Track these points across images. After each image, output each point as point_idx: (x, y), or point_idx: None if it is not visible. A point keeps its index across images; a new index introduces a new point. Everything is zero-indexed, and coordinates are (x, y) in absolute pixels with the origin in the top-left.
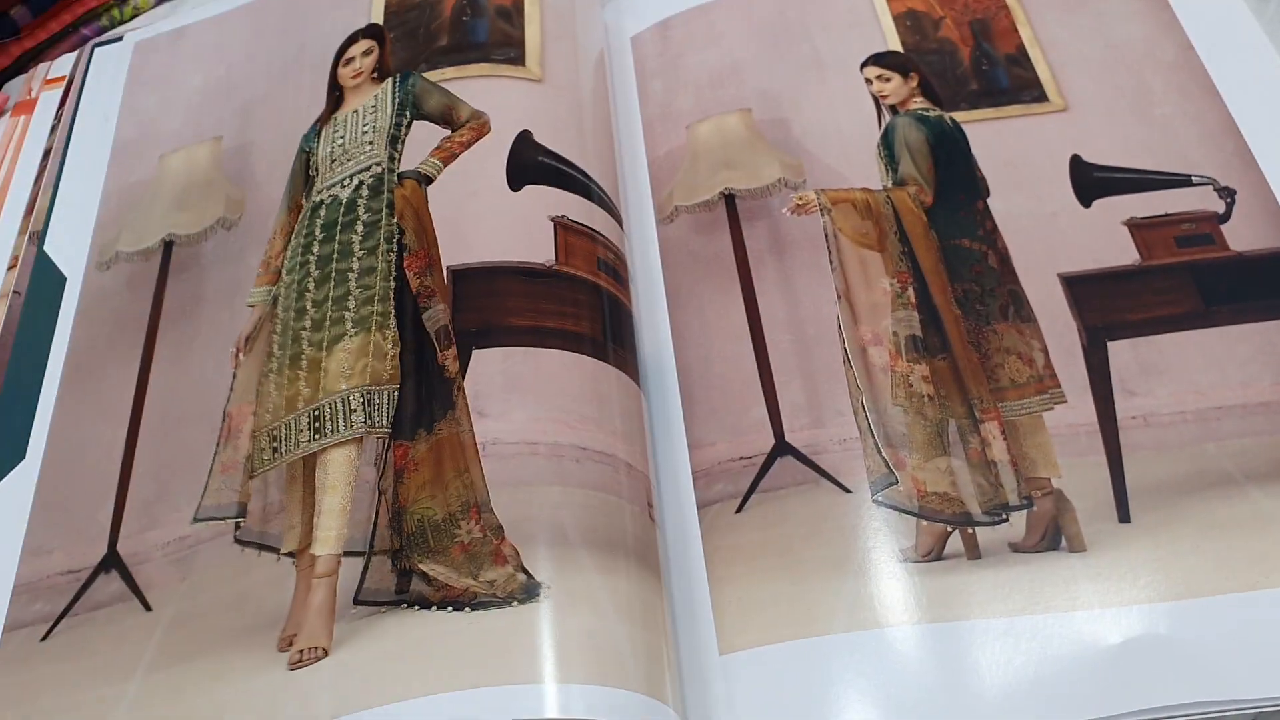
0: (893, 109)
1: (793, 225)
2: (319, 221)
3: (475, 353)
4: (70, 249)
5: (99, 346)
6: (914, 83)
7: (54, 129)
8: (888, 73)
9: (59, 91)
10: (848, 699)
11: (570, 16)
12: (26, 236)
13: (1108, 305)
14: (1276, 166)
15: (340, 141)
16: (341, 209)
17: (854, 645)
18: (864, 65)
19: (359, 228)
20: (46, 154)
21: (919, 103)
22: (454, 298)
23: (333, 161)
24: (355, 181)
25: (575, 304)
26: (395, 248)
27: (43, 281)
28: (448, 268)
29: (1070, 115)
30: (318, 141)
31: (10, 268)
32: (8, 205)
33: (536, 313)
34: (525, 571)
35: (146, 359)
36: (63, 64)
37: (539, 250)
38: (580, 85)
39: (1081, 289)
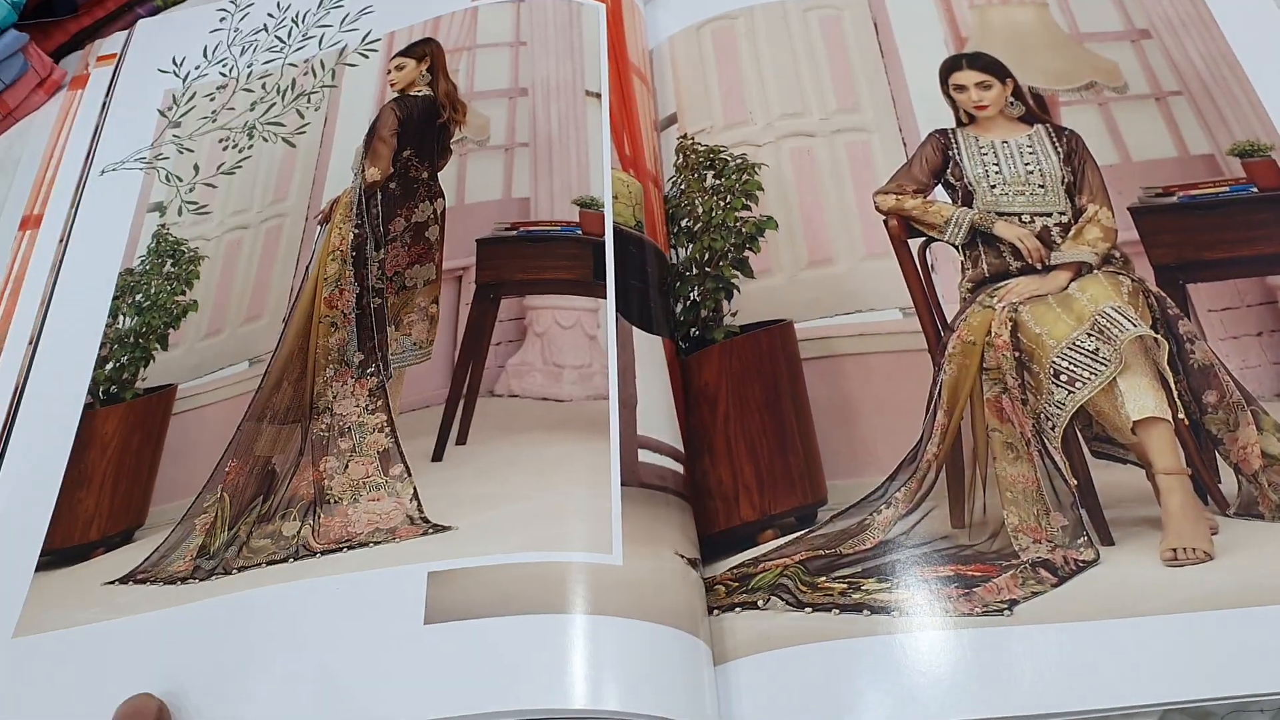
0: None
1: None
2: None
3: None
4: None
5: None
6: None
7: (103, 106)
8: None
9: (109, 68)
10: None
11: None
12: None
13: None
14: None
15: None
16: None
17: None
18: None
19: None
20: (95, 130)
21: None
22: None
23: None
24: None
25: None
26: None
27: None
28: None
29: None
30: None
31: (60, 240)
32: (59, 184)
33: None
34: None
35: None
36: (114, 41)
37: None
38: None
39: None
